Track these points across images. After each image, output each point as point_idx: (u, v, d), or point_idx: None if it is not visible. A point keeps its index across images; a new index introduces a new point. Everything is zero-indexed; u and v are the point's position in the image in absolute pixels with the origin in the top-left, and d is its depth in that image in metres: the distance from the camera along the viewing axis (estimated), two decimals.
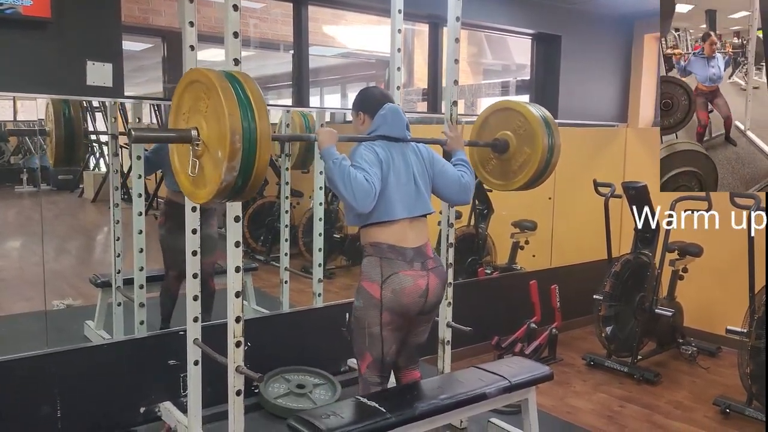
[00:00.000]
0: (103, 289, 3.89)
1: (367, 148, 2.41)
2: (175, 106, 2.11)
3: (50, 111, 3.40)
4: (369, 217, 2.40)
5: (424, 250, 2.47)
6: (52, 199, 5.54)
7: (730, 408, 3.52)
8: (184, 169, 2.07)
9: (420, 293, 2.41)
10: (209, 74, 1.90)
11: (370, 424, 2.24)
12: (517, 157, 3.05)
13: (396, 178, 2.42)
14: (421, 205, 2.49)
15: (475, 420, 3.28)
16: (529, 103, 3.13)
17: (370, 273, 2.41)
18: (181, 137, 2.01)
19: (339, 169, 2.25)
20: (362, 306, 2.42)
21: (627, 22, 5.10)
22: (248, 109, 1.86)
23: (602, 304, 4.13)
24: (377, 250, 2.41)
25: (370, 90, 2.67)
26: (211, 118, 1.92)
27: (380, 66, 5.93)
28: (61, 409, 2.96)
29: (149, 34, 4.41)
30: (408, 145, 2.54)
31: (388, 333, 2.41)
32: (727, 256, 4.41)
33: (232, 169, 1.85)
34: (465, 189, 2.62)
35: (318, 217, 3.97)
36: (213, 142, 1.92)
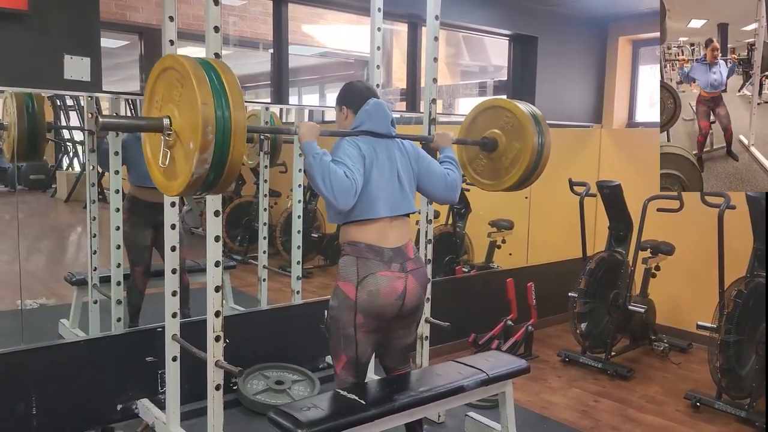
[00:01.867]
0: (78, 287, 3.85)
1: (350, 143, 2.34)
2: (149, 93, 2.03)
3: (10, 104, 3.26)
4: (350, 214, 2.33)
5: (404, 250, 2.41)
6: (24, 198, 5.45)
7: (701, 402, 3.60)
8: (156, 160, 1.99)
9: (396, 295, 2.34)
10: (184, 62, 1.83)
11: (349, 417, 2.26)
12: (507, 153, 3.01)
13: (379, 174, 2.35)
14: (404, 204, 2.43)
15: (453, 414, 3.32)
16: (517, 100, 3.11)
17: (346, 273, 2.35)
18: (151, 126, 1.93)
19: (319, 164, 2.19)
20: (337, 306, 2.36)
21: (602, 25, 5.20)
22: (223, 99, 1.78)
23: (577, 301, 4.19)
24: (355, 249, 2.36)
25: (354, 84, 2.58)
26: (184, 108, 1.84)
27: (359, 66, 5.94)
28: (36, 406, 2.93)
29: (126, 30, 4.37)
30: (393, 141, 2.46)
31: (362, 335, 2.35)
32: (698, 254, 4.52)
33: (204, 161, 1.78)
34: (451, 187, 2.55)
35: (297, 215, 3.98)
36: (185, 133, 1.84)
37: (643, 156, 5.00)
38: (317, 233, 5.88)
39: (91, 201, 3.58)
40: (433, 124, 3.18)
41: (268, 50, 4.36)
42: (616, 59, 5.25)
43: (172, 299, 2.88)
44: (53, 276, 4.91)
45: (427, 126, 3.18)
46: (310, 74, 6.30)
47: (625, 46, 5.27)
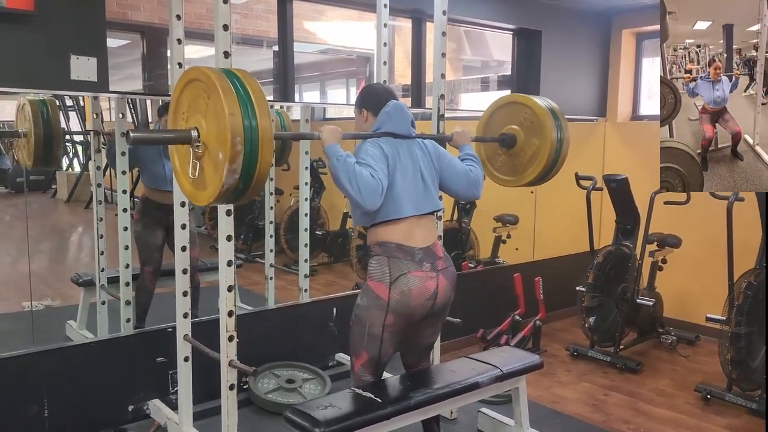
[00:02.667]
0: (85, 288, 3.85)
1: (373, 145, 2.35)
2: (174, 105, 2.05)
3: (26, 111, 3.30)
4: (376, 215, 2.34)
5: (433, 249, 2.41)
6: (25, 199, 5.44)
7: (711, 394, 3.60)
8: (185, 171, 2.01)
9: (428, 296, 2.35)
10: (209, 72, 1.85)
11: (366, 415, 2.25)
12: (526, 150, 3.00)
13: (402, 174, 2.36)
14: (429, 202, 2.44)
15: (465, 411, 3.32)
16: (534, 96, 3.10)
17: (377, 273, 2.34)
18: (180, 138, 1.95)
19: (344, 166, 2.19)
20: (366, 305, 2.35)
21: (606, 18, 5.18)
22: (249, 108, 1.80)
23: (585, 295, 4.19)
24: (385, 249, 2.35)
25: (373, 87, 2.62)
26: (211, 118, 1.86)
27: (360, 62, 5.92)
28: (48, 408, 2.92)
29: (128, 29, 4.34)
30: (414, 141, 2.48)
31: (388, 335, 2.35)
32: (704, 247, 4.52)
33: (234, 171, 1.80)
34: (474, 183, 2.57)
35: (303, 213, 3.97)
36: (213, 143, 1.86)
37: (648, 149, 4.97)
38: (321, 230, 5.88)
39: (98, 202, 3.57)
40: (441, 120, 3.17)
41: (271, 48, 4.35)
42: (619, 52, 5.23)
43: (183, 299, 2.86)
44: (57, 277, 4.91)
45: (435, 122, 3.17)
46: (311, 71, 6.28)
47: (629, 39, 5.25)
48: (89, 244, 5.46)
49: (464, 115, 5.40)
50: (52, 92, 3.22)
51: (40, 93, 3.17)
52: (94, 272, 3.73)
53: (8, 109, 4.47)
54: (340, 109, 6.23)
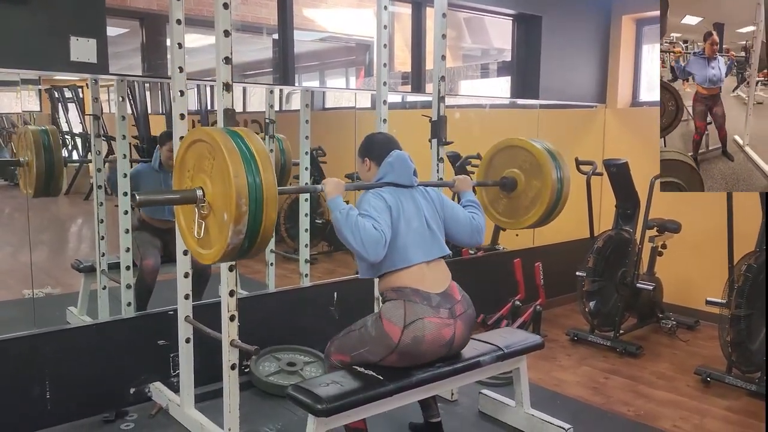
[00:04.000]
0: (86, 274, 3.84)
1: (375, 195, 2.37)
2: (179, 163, 2.07)
3: (28, 140, 3.27)
4: (382, 266, 2.35)
5: (450, 293, 2.41)
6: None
7: (711, 377, 3.61)
8: (190, 231, 2.02)
9: (443, 343, 2.34)
10: (213, 134, 1.87)
11: (368, 392, 2.26)
12: (528, 192, 3.05)
13: (407, 223, 2.39)
14: (436, 248, 2.45)
15: (465, 393, 3.33)
16: (531, 139, 3.12)
17: (392, 315, 2.32)
18: (185, 199, 1.97)
19: (346, 218, 2.22)
20: (373, 337, 2.35)
21: (605, 3, 5.17)
22: (253, 166, 1.81)
23: (585, 279, 4.20)
24: (400, 293, 2.34)
25: (375, 136, 2.65)
26: (216, 179, 1.87)
27: (360, 51, 5.91)
28: (50, 390, 2.93)
29: (127, 16, 4.33)
30: (417, 189, 2.52)
31: (383, 366, 2.36)
32: (704, 232, 4.53)
33: (239, 232, 1.81)
34: (477, 230, 2.60)
35: (303, 198, 3.97)
36: (218, 203, 1.88)
37: (647, 135, 4.99)
38: (321, 219, 5.87)
39: (98, 186, 3.57)
40: (442, 102, 3.17)
41: (270, 35, 4.34)
42: (619, 38, 5.22)
43: (184, 281, 2.87)
44: (57, 266, 4.90)
45: (436, 103, 3.17)
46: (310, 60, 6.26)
47: (629, 25, 5.24)
48: (89, 235, 5.45)
49: (464, 102, 5.39)
50: (53, 73, 3.21)
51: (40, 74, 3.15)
52: (94, 258, 3.73)
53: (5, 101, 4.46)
54: (339, 99, 6.22)
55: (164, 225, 3.70)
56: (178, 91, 2.78)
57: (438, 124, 3.20)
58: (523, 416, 2.98)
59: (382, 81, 3.17)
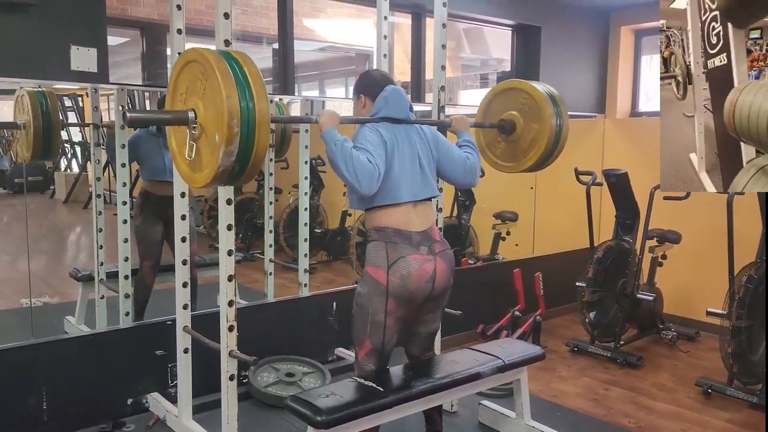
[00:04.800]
0: (84, 283, 3.83)
1: (371, 130, 2.35)
2: (172, 86, 2.04)
3: (25, 103, 3.28)
4: (373, 200, 2.34)
5: (430, 233, 2.41)
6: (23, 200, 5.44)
7: (712, 388, 3.59)
8: (181, 152, 2.00)
9: (427, 278, 2.35)
10: (207, 54, 1.84)
11: (368, 403, 2.24)
12: (525, 135, 2.99)
13: (400, 160, 2.37)
14: (426, 189, 2.44)
15: (465, 404, 3.31)
16: (533, 81, 3.08)
17: (375, 258, 2.34)
18: (177, 119, 1.94)
19: (341, 150, 2.20)
20: (367, 293, 2.35)
21: (604, 14, 5.19)
22: (246, 90, 1.79)
23: (585, 290, 4.18)
24: (382, 234, 2.36)
25: (370, 72, 2.62)
26: (208, 100, 1.85)
27: (359, 60, 5.91)
28: (47, 400, 2.91)
29: (128, 25, 4.34)
30: (412, 126, 2.48)
31: (392, 321, 2.35)
32: (704, 242, 4.52)
33: (230, 153, 1.79)
34: (471, 170, 2.57)
35: (303, 207, 3.97)
36: (210, 125, 1.85)
37: (647, 145, 4.99)
38: (320, 228, 5.86)
39: (97, 195, 3.56)
40: (442, 111, 3.17)
41: (271, 45, 4.34)
42: (618, 49, 5.23)
43: (182, 290, 2.85)
44: (55, 275, 4.90)
45: (436, 114, 3.17)
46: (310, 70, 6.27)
47: (628, 36, 5.26)
48: (87, 244, 5.44)
49: (464, 112, 5.39)
50: (53, 83, 3.21)
51: (40, 83, 3.16)
52: (93, 267, 3.72)
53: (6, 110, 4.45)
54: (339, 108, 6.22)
55: (167, 191, 3.55)
56: None
57: None
58: (523, 428, 2.96)
59: None
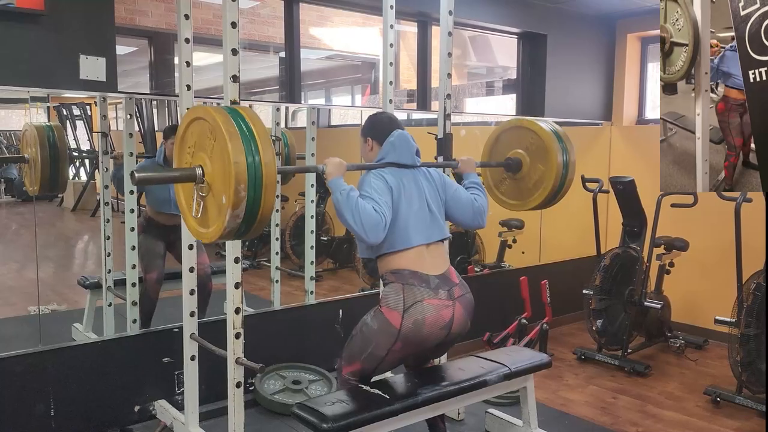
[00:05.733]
0: (92, 291, 3.84)
1: (376, 176, 2.36)
2: (180, 139, 2.06)
3: (32, 136, 3.26)
4: (382, 247, 2.33)
5: (449, 276, 2.40)
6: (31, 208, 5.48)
7: (721, 397, 3.57)
8: (189, 208, 2.01)
9: (443, 325, 2.32)
10: (215, 115, 1.84)
11: (374, 411, 2.24)
12: (532, 174, 3.00)
13: (408, 204, 2.36)
14: (437, 231, 2.43)
15: (472, 412, 3.30)
16: (539, 119, 3.09)
17: (390, 300, 2.31)
18: (185, 177, 1.95)
19: (347, 200, 2.20)
20: (375, 328, 2.33)
21: (610, 22, 5.19)
22: (253, 146, 1.78)
23: (592, 297, 4.17)
24: (399, 276, 2.33)
25: (378, 116, 2.63)
26: (216, 160, 1.85)
27: (365, 68, 5.94)
28: (55, 407, 2.92)
29: (136, 35, 4.37)
30: (419, 170, 2.49)
31: (392, 357, 2.34)
32: (712, 250, 4.50)
33: (237, 216, 1.80)
34: (479, 213, 2.57)
35: (309, 215, 3.98)
36: (217, 184, 1.86)
37: (654, 152, 4.94)
38: (326, 236, 5.87)
39: (105, 203, 3.58)
40: (448, 119, 3.17)
41: (278, 53, 4.37)
42: (624, 56, 5.24)
43: (189, 298, 2.86)
44: (63, 282, 4.92)
45: (442, 121, 3.17)
46: (316, 78, 6.30)
47: (634, 43, 5.26)
48: (95, 252, 5.47)
49: (469, 119, 5.41)
50: (62, 91, 3.24)
51: (50, 92, 3.18)
52: (100, 275, 3.73)
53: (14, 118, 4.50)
54: (345, 116, 6.25)
55: (170, 221, 3.64)
56: (186, 108, 2.79)
57: (444, 141, 3.20)
58: None
59: (388, 98, 3.18)
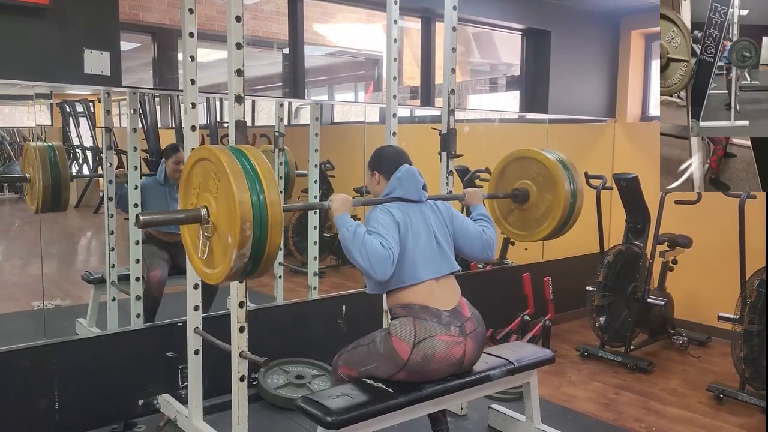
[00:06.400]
0: (96, 286, 3.85)
1: (383, 211, 2.35)
2: (185, 180, 2.05)
3: (34, 155, 3.26)
4: (390, 283, 2.32)
5: (460, 310, 2.38)
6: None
7: (724, 393, 3.56)
8: (195, 250, 2.01)
9: (453, 362, 2.31)
10: (219, 155, 1.83)
11: (378, 405, 2.24)
12: (539, 205, 3.01)
13: (415, 239, 2.35)
14: (445, 264, 2.42)
15: (475, 407, 3.30)
16: (544, 150, 3.09)
17: (401, 332, 2.28)
18: (190, 218, 1.95)
19: (353, 236, 2.19)
20: (382, 354, 2.32)
21: (614, 18, 5.19)
22: (259, 190, 1.78)
23: (595, 294, 4.16)
24: (410, 310, 2.32)
25: (385, 150, 2.63)
26: (221, 200, 1.85)
27: (369, 65, 5.95)
28: (59, 401, 2.93)
29: (139, 30, 4.38)
30: (426, 203, 2.49)
31: (392, 382, 2.34)
32: (715, 247, 4.49)
33: (243, 255, 1.79)
34: (488, 245, 2.56)
35: (312, 211, 3.97)
36: (223, 224, 1.85)
37: (657, 150, 4.96)
38: (329, 233, 5.87)
39: (109, 198, 3.58)
40: (451, 115, 3.17)
41: (281, 50, 4.37)
42: (629, 53, 5.22)
43: (193, 292, 2.87)
44: (67, 278, 4.92)
45: (446, 117, 3.17)
46: (319, 75, 6.31)
47: (638, 40, 5.25)
48: (98, 248, 5.47)
49: (472, 116, 5.40)
50: (67, 86, 3.24)
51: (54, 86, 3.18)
52: (104, 270, 3.74)
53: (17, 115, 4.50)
54: (347, 114, 6.26)
55: (171, 239, 3.69)
56: (190, 103, 2.80)
57: (448, 136, 3.20)
58: (533, 431, 2.95)
59: (392, 94, 3.18)
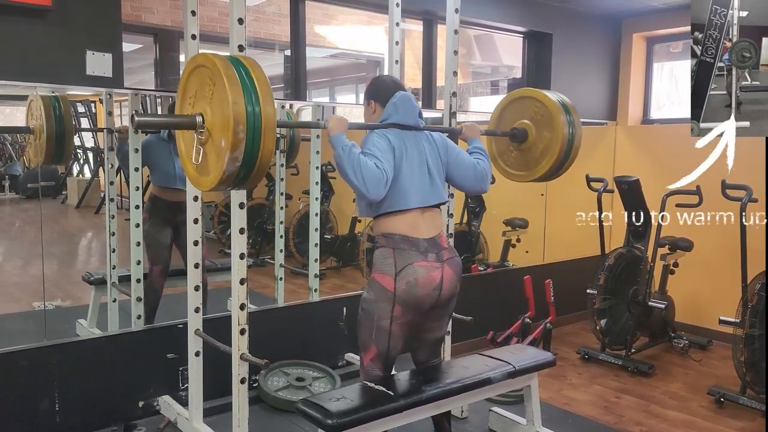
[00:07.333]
0: (96, 287, 3.84)
1: (379, 136, 2.35)
2: (182, 90, 2.08)
3: (38, 106, 3.25)
4: (380, 206, 2.34)
5: (438, 240, 2.41)
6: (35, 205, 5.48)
7: (725, 397, 3.56)
8: (189, 156, 2.03)
9: (434, 285, 2.34)
10: (215, 59, 1.86)
11: (378, 407, 2.24)
12: (538, 144, 2.98)
13: (409, 166, 2.36)
14: (434, 195, 2.43)
15: (475, 410, 3.30)
16: (546, 90, 3.08)
17: (383, 264, 2.34)
18: (185, 123, 1.97)
19: (348, 156, 2.20)
20: (373, 299, 2.34)
21: (616, 21, 5.19)
22: (253, 96, 1.80)
23: (596, 297, 4.16)
24: (390, 240, 2.35)
25: (381, 78, 2.62)
26: (215, 105, 1.87)
27: (370, 67, 5.94)
28: (59, 402, 2.92)
29: (141, 32, 4.38)
30: (422, 133, 2.48)
31: (397, 327, 2.34)
32: (716, 250, 4.49)
33: (235, 159, 1.81)
34: (481, 176, 2.55)
35: (314, 212, 3.98)
36: (217, 130, 1.87)
37: (658, 152, 4.99)
38: (330, 235, 5.87)
39: (110, 199, 3.58)
40: (453, 117, 3.17)
41: (283, 51, 4.36)
42: (630, 56, 5.23)
43: (194, 294, 2.87)
44: (67, 279, 4.92)
45: (447, 119, 3.17)
46: (321, 76, 6.30)
47: (640, 43, 5.25)
48: (99, 249, 5.47)
49: (473, 119, 5.39)
50: (68, 88, 3.24)
51: (55, 89, 3.18)
52: (105, 271, 3.74)
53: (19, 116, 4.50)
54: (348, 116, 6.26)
55: (175, 197, 3.60)
56: None
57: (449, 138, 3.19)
58: None
59: None
